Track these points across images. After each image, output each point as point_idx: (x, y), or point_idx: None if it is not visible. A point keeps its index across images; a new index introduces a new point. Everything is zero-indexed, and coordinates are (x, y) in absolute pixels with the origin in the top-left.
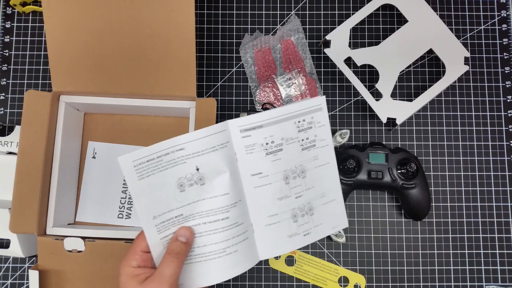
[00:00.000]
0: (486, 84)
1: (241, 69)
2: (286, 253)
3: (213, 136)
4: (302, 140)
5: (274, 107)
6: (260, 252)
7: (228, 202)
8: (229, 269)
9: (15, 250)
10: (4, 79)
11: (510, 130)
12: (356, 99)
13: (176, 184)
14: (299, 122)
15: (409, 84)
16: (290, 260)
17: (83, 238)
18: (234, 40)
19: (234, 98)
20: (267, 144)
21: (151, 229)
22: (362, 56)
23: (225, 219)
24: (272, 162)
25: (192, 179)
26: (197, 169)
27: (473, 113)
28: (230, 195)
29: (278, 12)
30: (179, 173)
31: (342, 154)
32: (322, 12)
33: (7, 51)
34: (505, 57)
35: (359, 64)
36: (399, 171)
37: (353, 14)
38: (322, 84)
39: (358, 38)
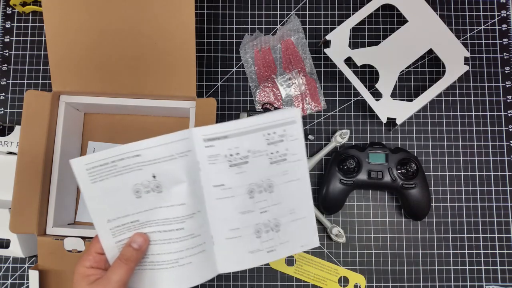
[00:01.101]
0: (486, 84)
1: (241, 69)
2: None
3: (173, 144)
4: (272, 153)
5: (274, 107)
6: (219, 265)
7: (184, 213)
8: (182, 280)
9: (15, 250)
10: (4, 79)
11: (510, 130)
12: (356, 99)
13: (131, 190)
14: (269, 134)
15: (409, 84)
16: (290, 260)
17: (83, 238)
18: (234, 40)
19: (234, 98)
20: (231, 155)
21: (105, 232)
22: (362, 56)
23: (180, 229)
24: (236, 174)
25: (148, 186)
26: (154, 177)
27: (473, 113)
28: (187, 205)
29: (278, 12)
30: (135, 179)
31: (342, 154)
32: (322, 12)
33: (7, 51)
34: (505, 57)
35: (359, 64)
36: (399, 171)
37: (353, 14)
38: (322, 84)
39: (358, 38)
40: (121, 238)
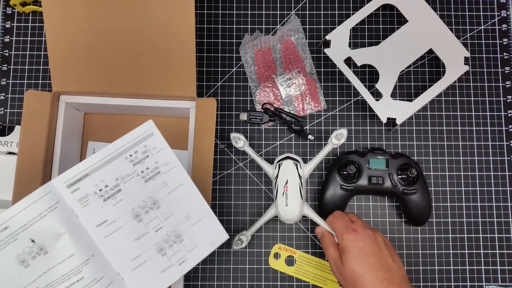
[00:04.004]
0: (486, 84)
1: (241, 69)
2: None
3: (37, 203)
4: (142, 171)
5: (274, 107)
6: None
7: (77, 263)
8: None
9: None
10: (4, 79)
11: (510, 130)
12: (356, 99)
13: (16, 262)
14: (130, 156)
15: (409, 84)
16: (290, 260)
17: None
18: (234, 40)
19: (234, 98)
20: (100, 190)
21: None
22: (362, 56)
23: (81, 279)
24: (113, 206)
25: (32, 252)
26: (33, 241)
27: (473, 113)
28: (77, 254)
29: (278, 12)
30: (15, 250)
31: (342, 159)
32: (322, 12)
33: (7, 51)
34: (505, 57)
35: (359, 64)
36: (400, 177)
37: (353, 14)
38: (322, 84)
39: (358, 38)
40: None
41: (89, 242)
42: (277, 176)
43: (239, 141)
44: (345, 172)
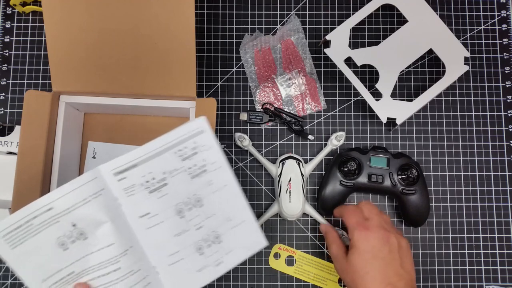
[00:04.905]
0: (486, 84)
1: (241, 69)
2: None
3: (82, 187)
4: (189, 168)
5: (274, 107)
6: None
7: (116, 252)
8: None
9: None
10: (4, 79)
11: (510, 130)
12: (356, 99)
13: (56, 244)
14: (180, 150)
15: (409, 84)
16: (290, 260)
17: None
18: (234, 40)
19: (234, 98)
20: (147, 182)
21: None
22: (362, 56)
23: (117, 270)
24: (158, 199)
25: (72, 236)
26: (74, 225)
27: (473, 113)
28: (117, 244)
29: (278, 12)
30: (55, 233)
31: (344, 156)
32: (322, 12)
33: (7, 51)
34: (505, 57)
35: (359, 64)
36: (400, 177)
37: (353, 14)
38: (322, 84)
39: (358, 38)
40: None
41: (129, 233)
42: (280, 174)
43: (244, 140)
44: (346, 169)
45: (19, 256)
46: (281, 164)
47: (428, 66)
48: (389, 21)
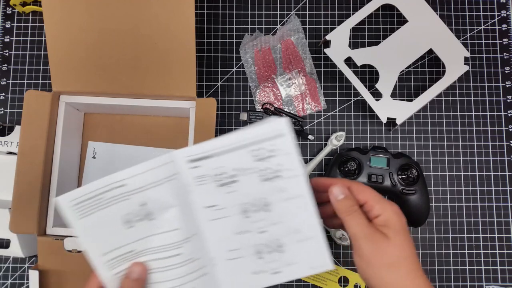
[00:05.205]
0: (486, 84)
1: (241, 69)
2: None
3: (157, 169)
4: (262, 170)
5: (274, 107)
6: (223, 287)
7: (179, 238)
8: None
9: (15, 250)
10: (4, 79)
11: (510, 130)
12: (356, 99)
13: (122, 220)
14: (255, 150)
15: (409, 84)
16: None
17: None
18: (234, 40)
19: (234, 98)
20: (218, 175)
21: (102, 266)
22: (362, 56)
23: (178, 255)
24: (226, 194)
25: (139, 215)
26: (143, 205)
27: (473, 113)
28: (182, 230)
29: (278, 12)
30: (123, 209)
31: (344, 156)
32: (322, 12)
33: (7, 51)
34: (505, 57)
35: (359, 64)
36: (400, 177)
37: (353, 14)
38: (322, 84)
39: (358, 38)
40: (118, 270)
41: (193, 221)
42: None
43: None
44: (346, 169)
45: (86, 227)
46: None
47: (428, 66)
48: (389, 21)
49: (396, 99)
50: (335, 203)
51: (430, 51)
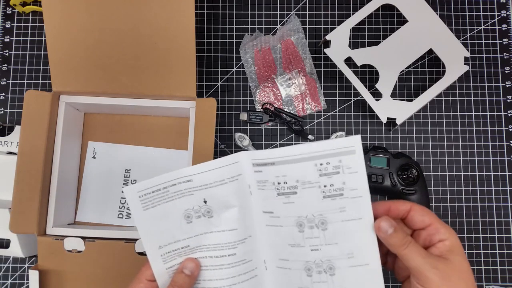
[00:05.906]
0: (486, 84)
1: (241, 69)
2: None
3: (223, 168)
4: (325, 186)
5: (274, 107)
6: None
7: (236, 238)
8: None
9: (15, 250)
10: (4, 79)
11: (510, 130)
12: (356, 99)
13: (182, 215)
14: (321, 164)
15: (409, 84)
16: None
17: (83, 238)
18: (234, 40)
19: (234, 98)
20: (279, 183)
21: (156, 259)
22: (362, 56)
23: (232, 255)
24: (284, 204)
25: (199, 211)
26: (205, 202)
27: (473, 113)
28: (239, 230)
29: (278, 12)
30: (186, 204)
31: None
32: (322, 12)
33: (7, 51)
34: (505, 57)
35: (359, 64)
36: (400, 177)
37: (353, 14)
38: (322, 84)
39: (358, 38)
40: (172, 264)
41: (251, 223)
42: None
43: (244, 140)
44: None
45: (147, 219)
46: None
47: (428, 66)
48: (389, 21)
49: (396, 99)
50: (387, 239)
51: (430, 51)
